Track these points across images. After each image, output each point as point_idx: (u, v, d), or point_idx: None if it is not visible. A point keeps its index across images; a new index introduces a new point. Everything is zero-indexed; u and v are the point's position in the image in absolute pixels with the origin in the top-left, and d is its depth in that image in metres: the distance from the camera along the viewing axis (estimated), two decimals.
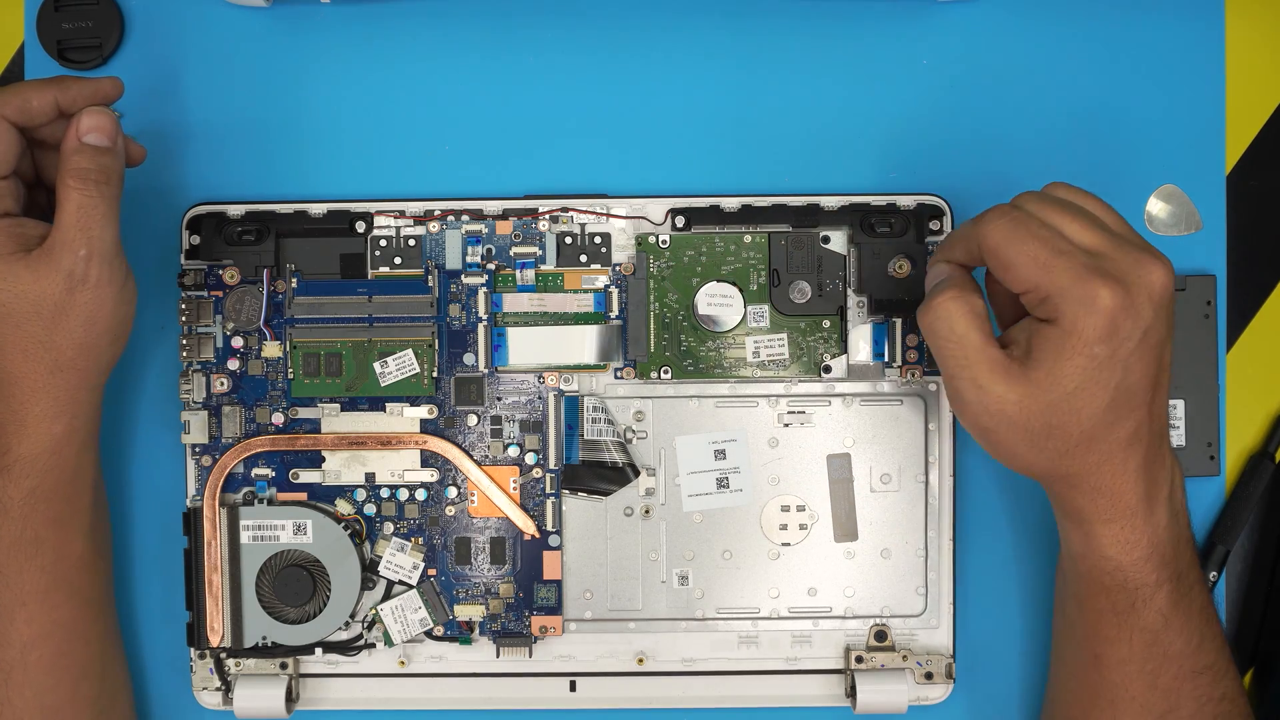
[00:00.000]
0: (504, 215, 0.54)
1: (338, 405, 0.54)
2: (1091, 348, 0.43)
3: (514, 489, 0.54)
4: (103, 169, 0.47)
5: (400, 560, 0.54)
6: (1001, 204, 0.46)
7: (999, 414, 0.45)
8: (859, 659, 0.54)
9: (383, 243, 0.54)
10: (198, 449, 0.54)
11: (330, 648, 0.55)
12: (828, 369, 0.54)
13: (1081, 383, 0.43)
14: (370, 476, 0.54)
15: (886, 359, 0.54)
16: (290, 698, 0.55)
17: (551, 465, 0.54)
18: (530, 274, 0.54)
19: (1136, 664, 0.47)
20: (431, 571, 0.55)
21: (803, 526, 0.55)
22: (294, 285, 0.54)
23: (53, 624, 0.50)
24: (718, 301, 0.54)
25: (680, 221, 0.54)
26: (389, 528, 0.54)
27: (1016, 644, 0.56)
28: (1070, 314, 0.43)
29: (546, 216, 0.54)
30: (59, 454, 0.49)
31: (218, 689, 0.55)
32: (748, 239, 0.54)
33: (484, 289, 0.54)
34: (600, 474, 0.54)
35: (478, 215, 0.54)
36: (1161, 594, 0.46)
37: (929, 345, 0.46)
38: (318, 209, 0.54)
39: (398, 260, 0.54)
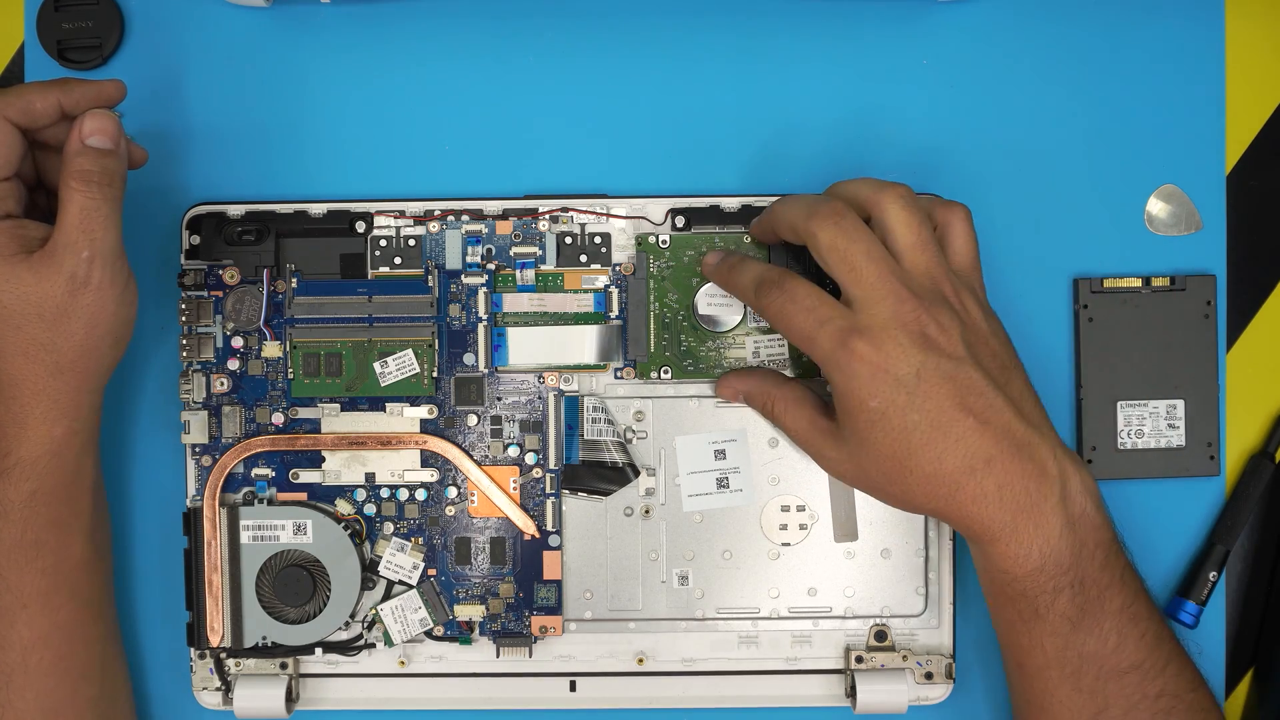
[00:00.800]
0: (504, 215, 0.54)
1: (338, 405, 0.54)
2: (865, 403, 0.46)
3: (514, 489, 0.54)
4: (105, 171, 0.47)
5: (400, 560, 0.54)
6: (784, 270, 0.49)
7: (844, 473, 0.49)
8: (859, 659, 0.54)
9: (383, 243, 0.54)
10: (198, 449, 0.54)
11: (330, 648, 0.55)
12: None
13: (876, 434, 0.46)
14: (370, 476, 0.54)
15: None
16: (290, 698, 0.55)
17: (551, 465, 0.54)
18: (530, 274, 0.54)
19: (1055, 669, 0.47)
20: (431, 571, 0.55)
21: (803, 526, 0.55)
22: (294, 285, 0.54)
23: (53, 626, 0.50)
24: (718, 301, 0.54)
25: (680, 221, 0.54)
26: (389, 528, 0.54)
27: None
28: (836, 380, 0.46)
29: (546, 216, 0.54)
30: (59, 457, 0.49)
31: (218, 689, 0.55)
32: (748, 239, 0.54)
33: (484, 289, 0.54)
34: (600, 474, 0.54)
35: (478, 215, 0.54)
36: (1062, 599, 0.46)
37: None
38: (318, 209, 0.54)
39: (398, 260, 0.54)
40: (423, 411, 0.54)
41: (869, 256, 0.46)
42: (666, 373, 0.54)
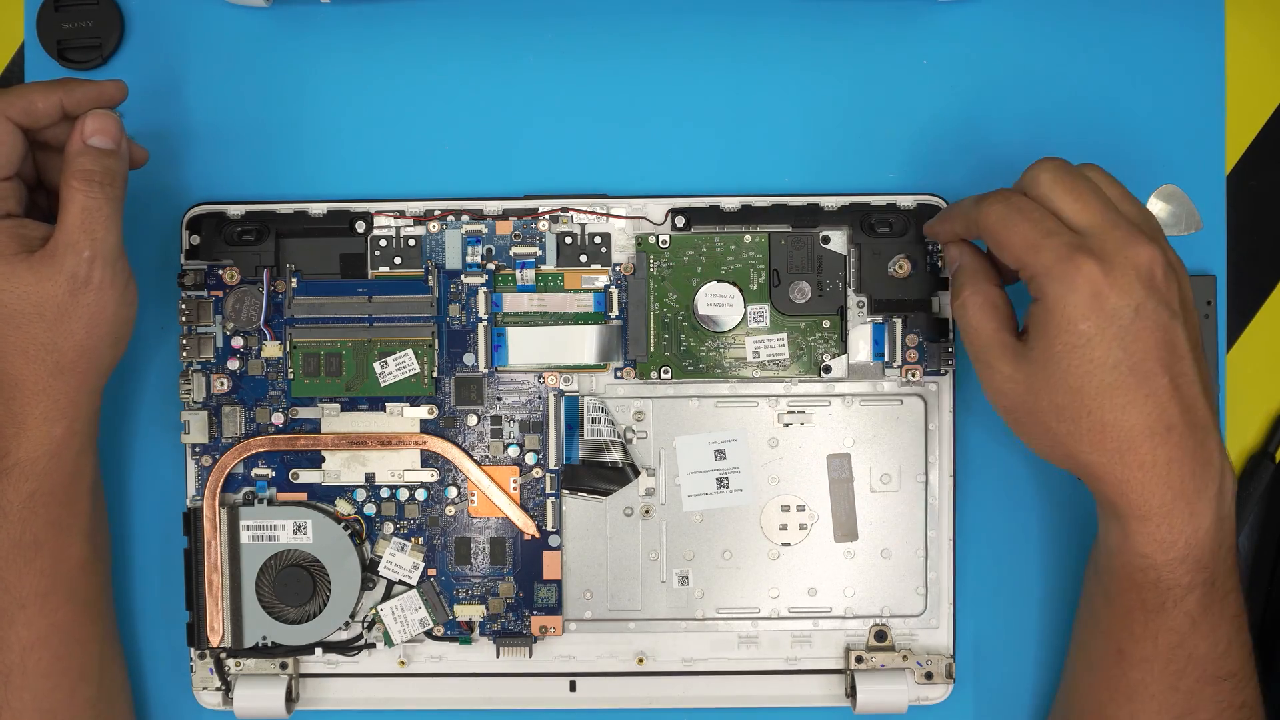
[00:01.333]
0: (504, 215, 0.54)
1: (338, 405, 0.54)
2: (1075, 324, 0.44)
3: (514, 489, 0.54)
4: (107, 171, 0.47)
5: (400, 560, 0.54)
6: (1005, 188, 0.47)
7: (1011, 394, 0.46)
8: (859, 659, 0.54)
9: (383, 243, 0.54)
10: (198, 449, 0.54)
11: (330, 648, 0.55)
12: (828, 369, 0.54)
13: (1073, 360, 0.44)
14: (370, 476, 0.54)
15: (886, 359, 0.54)
16: (290, 698, 0.55)
17: (551, 465, 0.54)
18: (530, 274, 0.54)
19: (1160, 664, 0.46)
20: (431, 571, 0.55)
21: (803, 526, 0.55)
22: (294, 285, 0.54)
23: (51, 627, 0.50)
24: (718, 301, 0.54)
25: (680, 221, 0.54)
26: (389, 528, 0.54)
27: (1017, 643, 0.56)
28: (1052, 291, 0.44)
29: (546, 216, 0.54)
30: (58, 457, 0.49)
31: (218, 689, 0.55)
32: (748, 239, 0.54)
33: (484, 289, 0.54)
34: (600, 474, 0.54)
35: (478, 215, 0.54)
36: (1193, 597, 0.45)
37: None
38: (318, 209, 0.54)
39: (398, 260, 0.54)
40: (423, 411, 0.54)
41: (1084, 197, 0.45)
42: (666, 373, 0.54)
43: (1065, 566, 0.55)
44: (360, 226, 0.54)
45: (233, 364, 0.54)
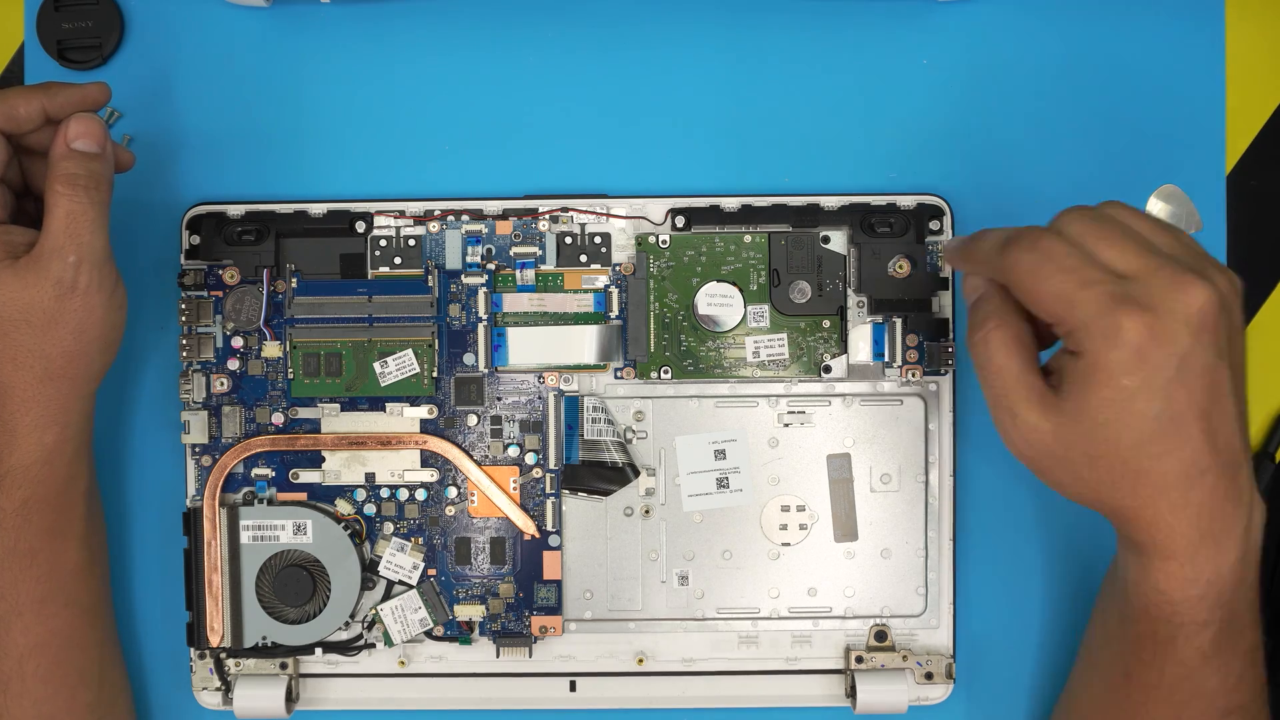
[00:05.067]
0: (504, 215, 0.54)
1: (338, 405, 0.54)
2: (1118, 380, 0.41)
3: (514, 489, 0.54)
4: (92, 174, 0.47)
5: (400, 560, 0.54)
6: (1036, 227, 0.44)
7: (1038, 444, 0.43)
8: (859, 659, 0.54)
9: (383, 243, 0.54)
10: (198, 449, 0.54)
11: (330, 648, 0.55)
12: (828, 369, 0.54)
13: (1113, 415, 0.41)
14: (370, 476, 0.54)
15: (886, 359, 0.54)
16: (290, 698, 0.55)
17: (551, 465, 0.54)
18: (530, 274, 0.54)
19: (1165, 692, 0.45)
20: (431, 571, 0.55)
21: (803, 526, 0.55)
22: (294, 285, 0.54)
23: (49, 633, 0.50)
24: (718, 301, 0.54)
25: (680, 221, 0.54)
26: (389, 528, 0.54)
27: (1016, 644, 0.56)
28: (1093, 349, 0.41)
29: (546, 216, 0.54)
30: (51, 464, 0.48)
31: (218, 689, 0.55)
32: (748, 239, 0.54)
33: (484, 289, 0.54)
34: (600, 474, 0.54)
35: (478, 215, 0.54)
36: (1208, 633, 0.44)
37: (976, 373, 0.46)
38: (318, 209, 0.54)
39: (398, 260, 0.54)
40: (423, 411, 0.54)
41: (1120, 241, 0.42)
42: (666, 373, 0.54)
43: (1066, 566, 0.55)
44: (360, 226, 0.54)
45: (233, 364, 0.54)
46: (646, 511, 0.55)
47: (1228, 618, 0.44)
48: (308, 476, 0.54)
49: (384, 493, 0.54)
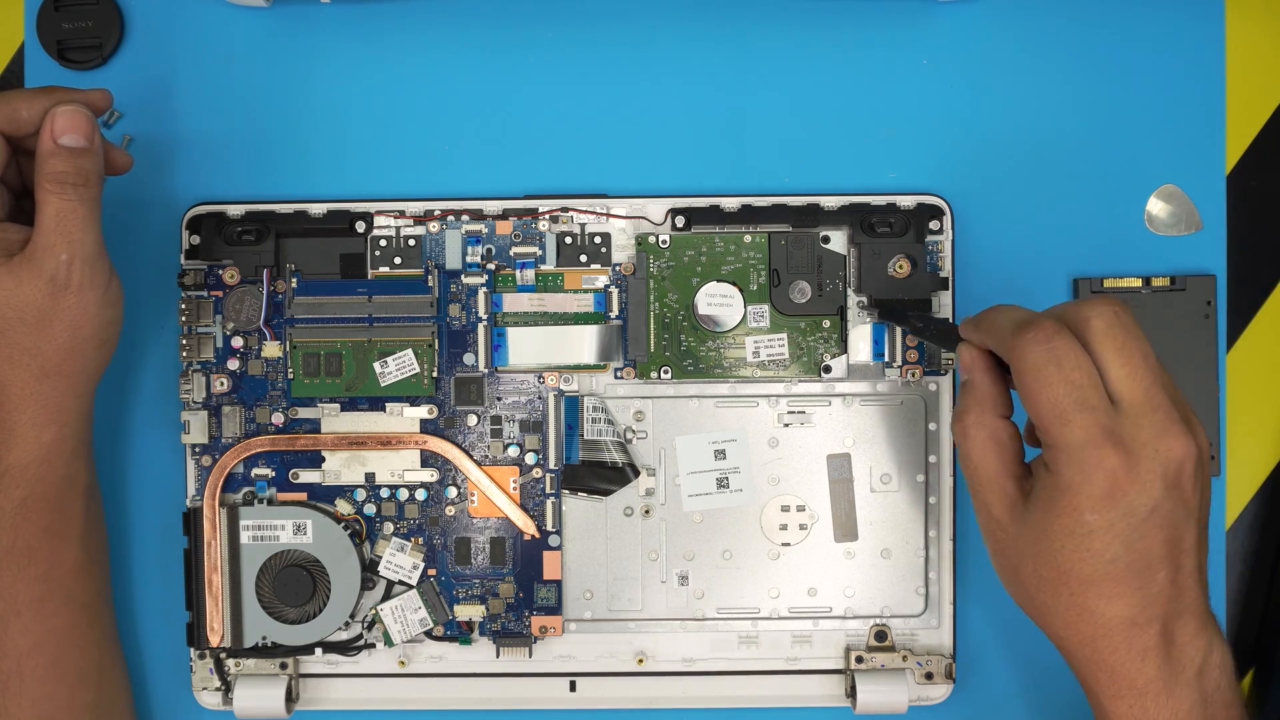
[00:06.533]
0: (504, 215, 0.54)
1: (338, 405, 0.54)
2: (1083, 514, 0.41)
3: (514, 489, 0.54)
4: (80, 171, 0.46)
5: (400, 560, 0.54)
6: (1053, 317, 0.42)
7: (999, 540, 0.44)
8: (859, 659, 0.54)
9: (383, 243, 0.54)
10: (198, 449, 0.54)
11: (330, 648, 0.55)
12: (828, 369, 0.54)
13: (1068, 544, 0.41)
14: (370, 476, 0.54)
15: (886, 359, 0.54)
16: (290, 698, 0.55)
17: (551, 465, 0.54)
18: (530, 274, 0.54)
19: None
20: (431, 571, 0.55)
21: (803, 526, 0.55)
22: (294, 285, 0.54)
23: (48, 632, 0.50)
24: (718, 301, 0.54)
25: (680, 221, 0.54)
26: (389, 528, 0.54)
27: (1016, 644, 0.56)
28: (1067, 474, 0.41)
29: (546, 216, 0.54)
30: (49, 463, 0.49)
31: (218, 689, 0.55)
32: (748, 239, 0.54)
33: (484, 289, 0.54)
34: (600, 474, 0.54)
35: (478, 215, 0.54)
36: None
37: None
38: (318, 209, 0.54)
39: (398, 260, 0.54)
40: (423, 411, 0.54)
41: (1133, 363, 0.41)
42: (666, 373, 0.54)
43: None
44: (360, 226, 0.54)
45: (233, 364, 0.54)
46: (646, 511, 0.55)
47: None
48: (308, 476, 0.54)
49: (384, 493, 0.54)
